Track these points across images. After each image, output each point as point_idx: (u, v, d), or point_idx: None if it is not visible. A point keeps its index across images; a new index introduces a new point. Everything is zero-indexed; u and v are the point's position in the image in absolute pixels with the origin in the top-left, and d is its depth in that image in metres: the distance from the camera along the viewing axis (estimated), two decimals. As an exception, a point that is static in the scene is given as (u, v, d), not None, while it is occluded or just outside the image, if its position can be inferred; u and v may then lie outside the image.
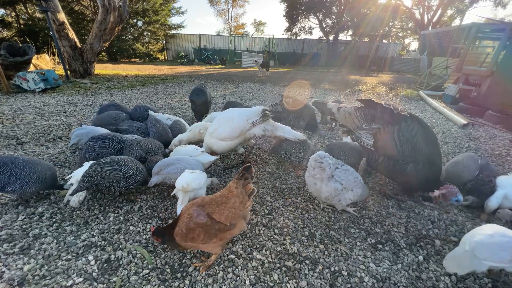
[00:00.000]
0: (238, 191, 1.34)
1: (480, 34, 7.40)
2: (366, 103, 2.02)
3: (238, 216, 1.33)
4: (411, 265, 1.49)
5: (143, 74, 10.11)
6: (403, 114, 1.85)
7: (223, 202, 1.32)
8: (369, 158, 2.08)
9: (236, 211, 1.32)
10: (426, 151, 1.80)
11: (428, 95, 7.01)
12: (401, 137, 1.82)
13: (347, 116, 2.12)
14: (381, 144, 1.92)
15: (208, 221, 1.27)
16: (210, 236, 1.28)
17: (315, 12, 21.24)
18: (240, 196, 1.34)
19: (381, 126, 1.91)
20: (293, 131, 2.41)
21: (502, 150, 3.34)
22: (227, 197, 1.34)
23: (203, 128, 2.63)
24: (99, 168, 1.77)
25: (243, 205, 1.35)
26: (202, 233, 1.26)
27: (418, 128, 1.81)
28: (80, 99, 5.23)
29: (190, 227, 1.26)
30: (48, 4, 6.57)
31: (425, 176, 1.85)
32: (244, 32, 41.54)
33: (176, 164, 1.96)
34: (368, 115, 2.00)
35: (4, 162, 1.68)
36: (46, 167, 1.84)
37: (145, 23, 19.79)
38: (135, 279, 1.31)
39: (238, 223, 1.35)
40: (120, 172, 1.79)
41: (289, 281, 1.35)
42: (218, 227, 1.28)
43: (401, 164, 1.87)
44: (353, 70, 17.08)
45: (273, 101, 5.83)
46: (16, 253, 1.43)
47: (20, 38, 13.67)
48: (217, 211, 1.29)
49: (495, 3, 19.70)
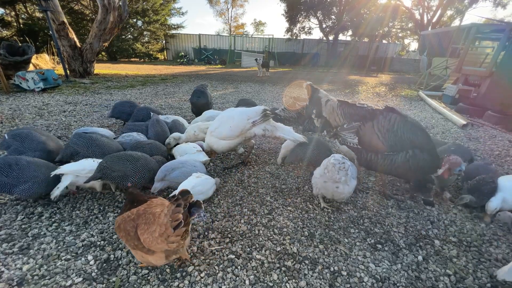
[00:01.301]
0: (163, 220, 1.10)
1: (480, 34, 7.41)
2: (343, 104, 2.11)
3: (158, 248, 1.15)
4: (411, 265, 1.49)
5: (143, 74, 10.10)
6: (377, 109, 1.93)
7: (149, 223, 1.14)
8: (360, 157, 2.10)
9: (153, 241, 1.11)
10: (410, 137, 1.82)
11: (427, 95, 7.01)
12: (381, 129, 1.87)
13: (331, 111, 2.18)
14: (365, 140, 1.96)
15: (132, 231, 1.17)
16: (130, 246, 1.20)
17: (315, 12, 21.25)
18: (163, 228, 1.09)
19: (360, 123, 1.98)
20: (293, 132, 2.40)
21: (501, 150, 3.34)
22: (154, 218, 1.14)
23: (198, 130, 2.67)
24: (111, 161, 1.84)
25: (163, 238, 1.10)
26: (124, 239, 1.20)
27: (395, 117, 1.86)
28: (80, 98, 5.22)
29: (119, 227, 1.20)
30: (47, 4, 6.56)
31: (420, 162, 1.84)
32: (244, 32, 41.55)
33: (181, 168, 1.98)
34: (347, 113, 2.08)
35: (8, 164, 1.68)
36: (50, 169, 1.83)
37: (145, 23, 19.78)
38: (134, 279, 1.31)
39: (157, 253, 1.18)
40: (130, 168, 1.85)
41: (289, 281, 1.35)
42: (137, 244, 1.16)
43: (391, 155, 1.88)
44: (353, 70, 17.09)
45: (273, 103, 5.81)
46: (15, 253, 1.43)
47: (20, 37, 13.63)
48: (142, 228, 1.15)
49: (495, 3, 19.72)
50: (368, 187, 2.32)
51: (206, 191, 1.88)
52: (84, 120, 3.87)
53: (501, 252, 1.60)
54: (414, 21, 22.24)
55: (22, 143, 2.07)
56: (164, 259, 1.23)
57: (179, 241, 1.16)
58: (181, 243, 1.19)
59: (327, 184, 1.79)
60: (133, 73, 10.06)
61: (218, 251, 1.52)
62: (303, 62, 21.33)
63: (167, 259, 1.25)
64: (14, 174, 1.66)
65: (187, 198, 1.13)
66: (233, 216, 1.84)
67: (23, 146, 2.06)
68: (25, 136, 2.10)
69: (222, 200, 2.03)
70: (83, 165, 1.86)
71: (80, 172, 1.81)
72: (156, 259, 1.23)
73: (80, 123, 3.71)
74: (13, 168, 1.67)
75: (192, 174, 1.89)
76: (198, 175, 1.89)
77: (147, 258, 1.23)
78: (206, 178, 1.90)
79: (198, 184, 1.81)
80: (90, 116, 4.05)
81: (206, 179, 1.90)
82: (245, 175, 2.46)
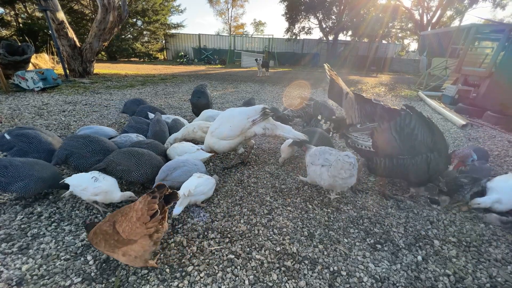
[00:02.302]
0: (139, 206, 1.18)
1: (479, 35, 7.41)
2: (359, 98, 1.99)
3: (138, 233, 1.19)
4: (410, 265, 1.49)
5: (143, 74, 10.09)
6: (394, 109, 1.83)
7: (126, 213, 1.22)
8: (369, 162, 1.97)
9: (133, 226, 1.17)
10: (429, 141, 1.73)
11: (427, 95, 7.02)
12: (400, 132, 1.75)
13: (350, 105, 2.03)
14: (380, 143, 1.85)
15: (109, 229, 1.21)
16: (111, 246, 1.21)
17: (314, 13, 21.26)
18: (139, 212, 1.17)
19: (376, 124, 1.85)
20: (294, 131, 2.40)
21: (501, 150, 3.35)
22: (130, 208, 1.23)
23: (197, 127, 2.67)
24: (117, 155, 1.94)
25: (141, 222, 1.17)
26: (103, 241, 1.21)
27: (415, 119, 1.75)
28: (79, 98, 5.22)
29: (96, 232, 1.24)
30: (47, 3, 6.55)
31: (439, 164, 1.77)
32: (244, 32, 41.55)
33: (182, 167, 1.99)
34: (363, 110, 1.95)
35: (4, 165, 1.70)
36: (44, 167, 1.84)
37: (144, 23, 19.78)
38: (134, 279, 1.31)
39: (141, 240, 1.22)
40: (134, 162, 1.91)
41: (288, 281, 1.35)
42: (117, 238, 1.20)
43: (406, 159, 1.78)
44: (353, 71, 17.10)
45: (273, 103, 5.82)
46: (14, 253, 1.43)
47: (19, 37, 13.63)
48: (120, 220, 1.21)
49: (494, 4, 19.75)
50: (367, 187, 2.32)
51: (208, 191, 1.88)
52: (84, 120, 3.86)
53: (500, 252, 1.61)
54: (414, 21, 22.26)
55: (29, 144, 2.01)
56: (148, 242, 1.23)
57: (157, 225, 1.23)
58: (159, 228, 1.26)
59: (333, 179, 1.81)
60: (132, 73, 10.05)
61: (218, 251, 1.52)
62: (303, 62, 21.34)
63: (153, 243, 1.25)
64: (10, 174, 1.67)
65: (162, 191, 1.21)
66: (233, 216, 1.84)
67: (30, 147, 2.01)
68: (33, 137, 2.05)
69: (222, 200, 2.03)
70: (80, 181, 1.74)
71: (76, 188, 1.72)
72: (141, 246, 1.23)
73: (80, 122, 3.71)
74: (8, 169, 1.68)
75: (193, 174, 1.89)
76: (200, 175, 1.89)
77: (131, 252, 1.23)
78: (207, 178, 1.91)
79: (201, 184, 1.81)
80: (90, 116, 4.05)
81: (208, 179, 1.90)
82: (245, 175, 2.46)
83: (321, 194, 2.17)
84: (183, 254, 1.49)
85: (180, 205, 1.67)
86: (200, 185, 1.80)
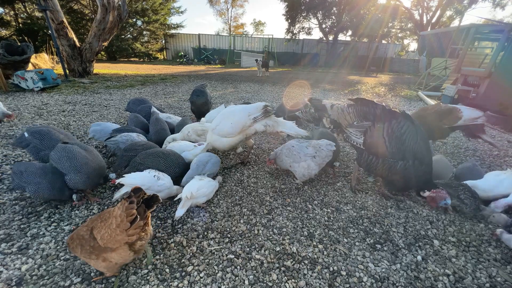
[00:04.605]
0: (118, 212, 1.14)
1: (479, 35, 7.42)
2: (359, 101, 2.04)
3: (117, 241, 1.15)
4: (410, 265, 1.49)
5: (142, 74, 10.09)
6: (394, 111, 1.86)
7: (105, 219, 1.17)
8: (360, 158, 2.07)
9: (112, 233, 1.13)
10: (415, 149, 1.79)
11: (427, 95, 7.03)
12: (390, 134, 1.81)
13: (340, 113, 2.14)
14: (371, 142, 1.92)
15: (86, 234, 1.17)
16: (87, 252, 1.17)
17: (314, 13, 21.26)
18: (118, 219, 1.13)
19: (371, 123, 1.92)
20: (295, 127, 2.38)
21: (500, 150, 3.35)
22: (109, 214, 1.18)
23: (192, 131, 2.69)
24: (144, 157, 2.02)
25: (121, 229, 1.13)
26: (79, 247, 1.17)
27: (408, 125, 1.80)
28: (79, 98, 5.21)
29: (73, 237, 1.20)
30: (47, 3, 6.55)
31: (415, 174, 1.83)
32: (244, 32, 41.54)
33: (210, 160, 2.12)
34: (360, 111, 2.01)
35: (19, 171, 1.73)
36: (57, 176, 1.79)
37: (144, 23, 19.77)
38: (133, 279, 1.31)
39: (119, 249, 1.18)
40: (161, 163, 2.00)
41: (288, 281, 1.35)
42: (93, 245, 1.16)
43: (391, 162, 1.86)
44: (353, 71, 17.11)
45: (273, 103, 5.82)
46: (14, 253, 1.43)
47: (19, 37, 13.61)
48: (98, 226, 1.17)
49: (494, 4, 19.79)
50: (367, 187, 2.32)
51: (209, 193, 1.89)
52: (83, 119, 3.86)
53: (500, 252, 1.61)
54: (414, 21, 22.29)
55: (41, 141, 2.07)
56: (128, 252, 1.20)
57: (139, 233, 1.20)
58: (142, 235, 1.22)
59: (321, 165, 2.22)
60: (132, 73, 10.05)
61: (218, 251, 1.52)
62: (303, 62, 21.36)
63: (133, 253, 1.22)
64: (24, 179, 1.72)
65: (139, 195, 1.18)
66: (233, 216, 1.84)
67: (42, 144, 2.06)
68: (45, 134, 2.09)
69: (222, 200, 2.03)
70: (143, 180, 1.76)
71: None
72: (120, 255, 1.20)
73: (79, 122, 3.71)
74: (23, 174, 1.73)
75: (195, 177, 1.91)
76: (201, 178, 1.90)
77: (109, 260, 1.19)
78: (209, 181, 1.92)
79: (202, 186, 1.82)
80: (89, 116, 4.04)
81: (209, 182, 1.91)
82: (245, 175, 2.46)
83: (321, 194, 2.18)
84: (183, 254, 1.48)
85: (183, 207, 1.67)
86: (202, 187, 1.81)
